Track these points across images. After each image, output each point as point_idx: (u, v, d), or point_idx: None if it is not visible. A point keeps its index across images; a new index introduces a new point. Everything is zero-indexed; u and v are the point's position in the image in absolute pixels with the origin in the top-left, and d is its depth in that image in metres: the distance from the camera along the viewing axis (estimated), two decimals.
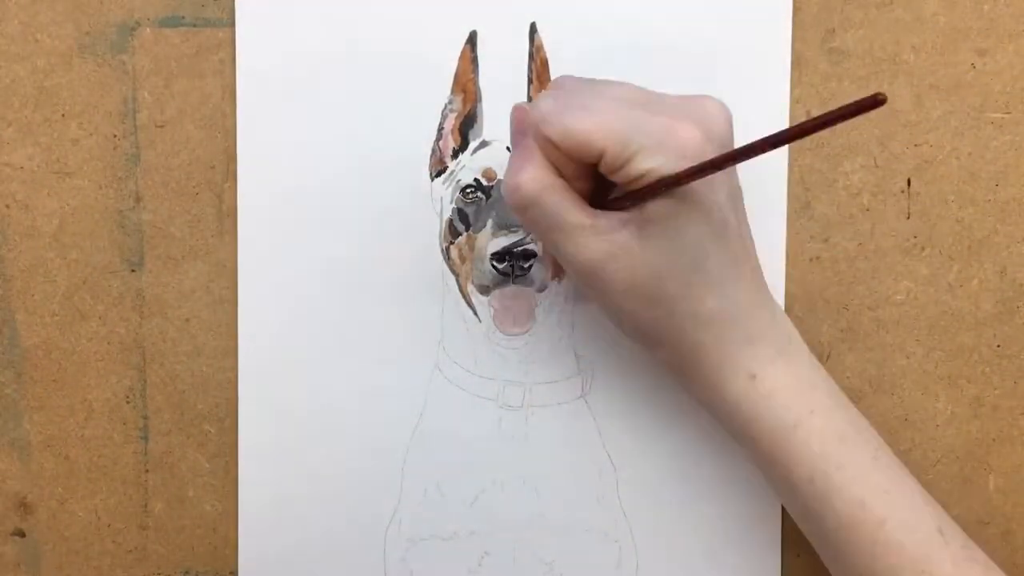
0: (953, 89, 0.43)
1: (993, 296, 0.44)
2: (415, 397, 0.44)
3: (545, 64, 0.43)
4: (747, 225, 0.37)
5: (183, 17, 0.44)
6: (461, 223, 0.44)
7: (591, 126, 0.34)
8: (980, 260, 0.44)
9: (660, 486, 0.44)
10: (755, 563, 0.44)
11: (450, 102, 0.44)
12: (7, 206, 0.45)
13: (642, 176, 0.34)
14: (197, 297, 0.45)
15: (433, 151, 0.44)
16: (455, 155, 0.44)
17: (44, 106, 0.44)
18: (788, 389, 0.37)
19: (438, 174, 0.44)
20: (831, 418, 0.37)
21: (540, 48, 0.43)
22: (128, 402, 0.45)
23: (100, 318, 0.45)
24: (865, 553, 0.36)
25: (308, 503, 0.45)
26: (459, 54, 0.43)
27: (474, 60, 0.44)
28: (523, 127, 0.36)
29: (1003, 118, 0.43)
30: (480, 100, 0.44)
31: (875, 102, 0.26)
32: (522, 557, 0.45)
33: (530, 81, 0.44)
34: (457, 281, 0.44)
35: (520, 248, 0.42)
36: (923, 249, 0.44)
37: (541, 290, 0.43)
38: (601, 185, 0.37)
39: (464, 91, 0.44)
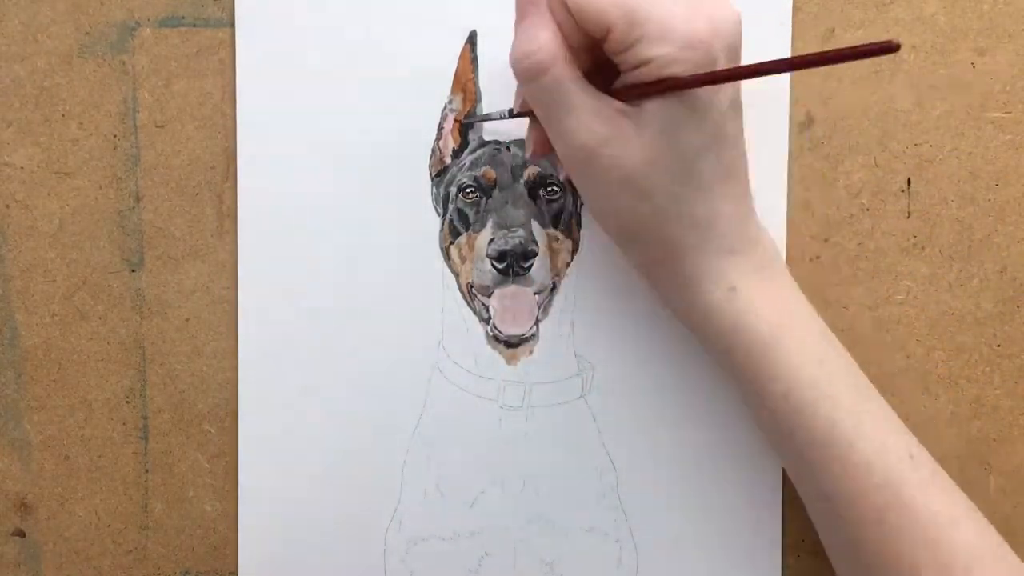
0: (953, 89, 0.43)
1: (993, 296, 0.44)
2: (415, 397, 0.44)
3: None
4: (743, 140, 0.37)
5: (183, 17, 0.44)
6: (461, 223, 0.44)
7: None
8: (980, 260, 0.44)
9: (660, 486, 0.44)
10: (755, 563, 0.44)
11: (450, 102, 0.44)
12: (7, 206, 0.45)
13: (645, 63, 0.33)
14: (197, 297, 0.45)
15: (433, 151, 0.44)
16: (455, 155, 0.44)
17: (44, 106, 0.44)
18: (767, 305, 0.37)
19: (438, 174, 0.44)
20: (808, 338, 0.37)
21: None
22: (128, 402, 0.45)
23: (100, 318, 0.45)
24: (834, 473, 0.36)
25: (308, 503, 0.45)
26: (459, 54, 0.43)
27: (474, 60, 0.44)
28: None
29: (1003, 117, 0.43)
30: (480, 100, 0.44)
31: (888, 47, 0.26)
32: (522, 557, 0.45)
33: None
34: (457, 281, 0.44)
35: (520, 248, 0.42)
36: (923, 249, 0.44)
37: (541, 290, 0.43)
38: (600, 71, 0.36)
39: (464, 91, 0.44)
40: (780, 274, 0.38)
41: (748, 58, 0.43)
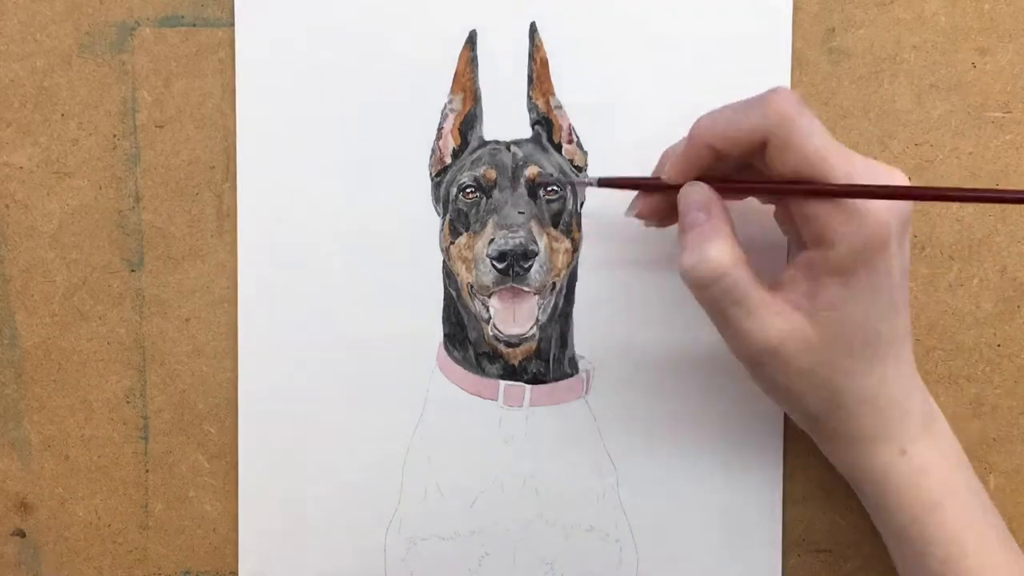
0: (954, 88, 0.43)
1: (993, 296, 0.44)
2: (415, 397, 0.44)
3: (545, 64, 0.43)
4: (907, 297, 0.37)
5: (183, 17, 0.44)
6: (461, 223, 0.44)
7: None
8: (980, 260, 0.44)
9: (660, 486, 0.44)
10: (755, 563, 0.44)
11: (450, 102, 0.44)
12: (7, 206, 0.45)
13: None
14: (197, 297, 0.45)
15: (433, 151, 0.44)
16: (455, 155, 0.44)
17: (44, 106, 0.44)
18: (935, 467, 0.37)
19: (438, 174, 0.44)
20: (968, 501, 0.38)
21: (540, 48, 0.43)
22: (128, 402, 0.45)
23: (100, 318, 0.45)
24: None
25: (308, 503, 0.45)
26: (459, 54, 0.43)
27: (473, 60, 0.43)
28: (699, 207, 0.36)
29: (1003, 117, 0.43)
30: (480, 100, 0.44)
31: None
32: (522, 557, 0.45)
33: (530, 81, 0.43)
34: (457, 281, 0.44)
35: (520, 248, 0.42)
36: (923, 249, 0.44)
37: (541, 290, 0.43)
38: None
39: (464, 91, 0.44)
40: (944, 433, 0.39)
41: (747, 57, 0.43)
